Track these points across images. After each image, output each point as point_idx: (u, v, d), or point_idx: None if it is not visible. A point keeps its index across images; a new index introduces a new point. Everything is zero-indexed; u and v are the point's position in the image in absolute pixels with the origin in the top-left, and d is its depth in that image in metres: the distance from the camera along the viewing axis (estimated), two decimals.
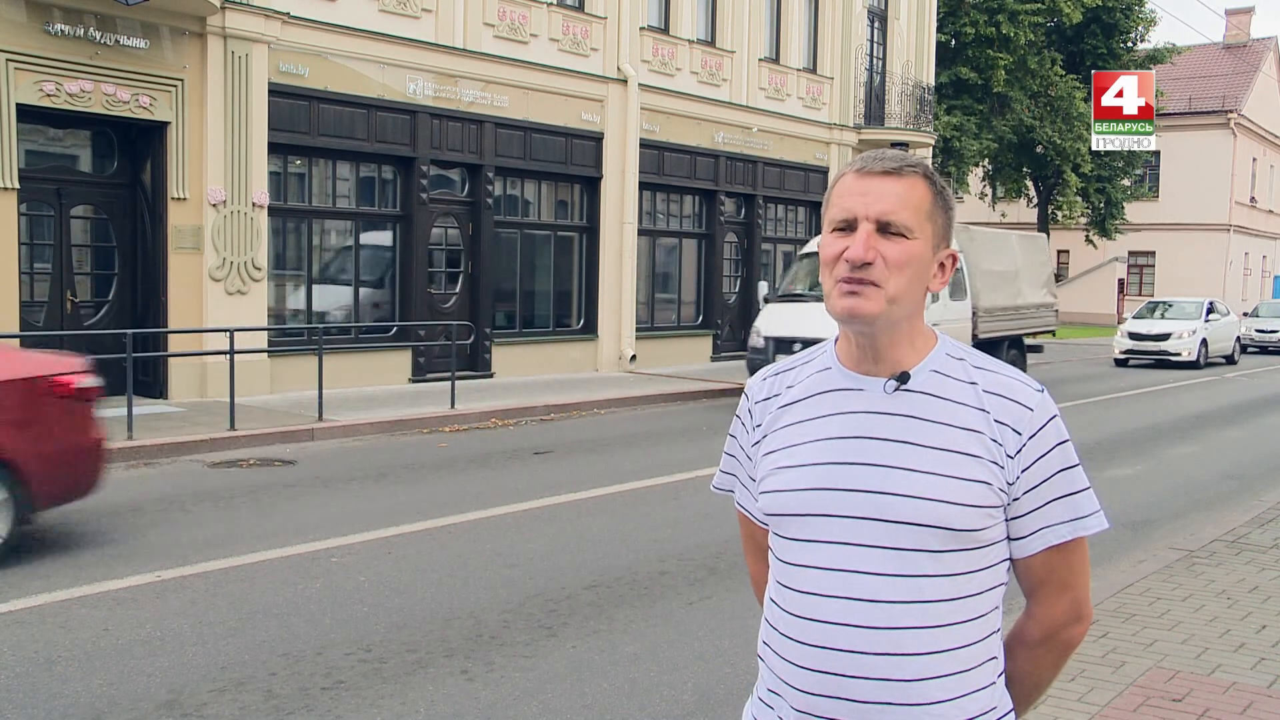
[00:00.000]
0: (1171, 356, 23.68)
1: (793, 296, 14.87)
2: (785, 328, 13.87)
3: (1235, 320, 26.54)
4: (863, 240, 1.59)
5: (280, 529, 7.39)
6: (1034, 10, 30.12)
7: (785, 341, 13.64)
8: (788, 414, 1.72)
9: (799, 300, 14.56)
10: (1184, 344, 23.80)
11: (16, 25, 11.47)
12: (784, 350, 13.03)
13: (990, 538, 1.62)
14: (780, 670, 1.66)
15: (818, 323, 13.02)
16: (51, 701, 4.40)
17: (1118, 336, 25.12)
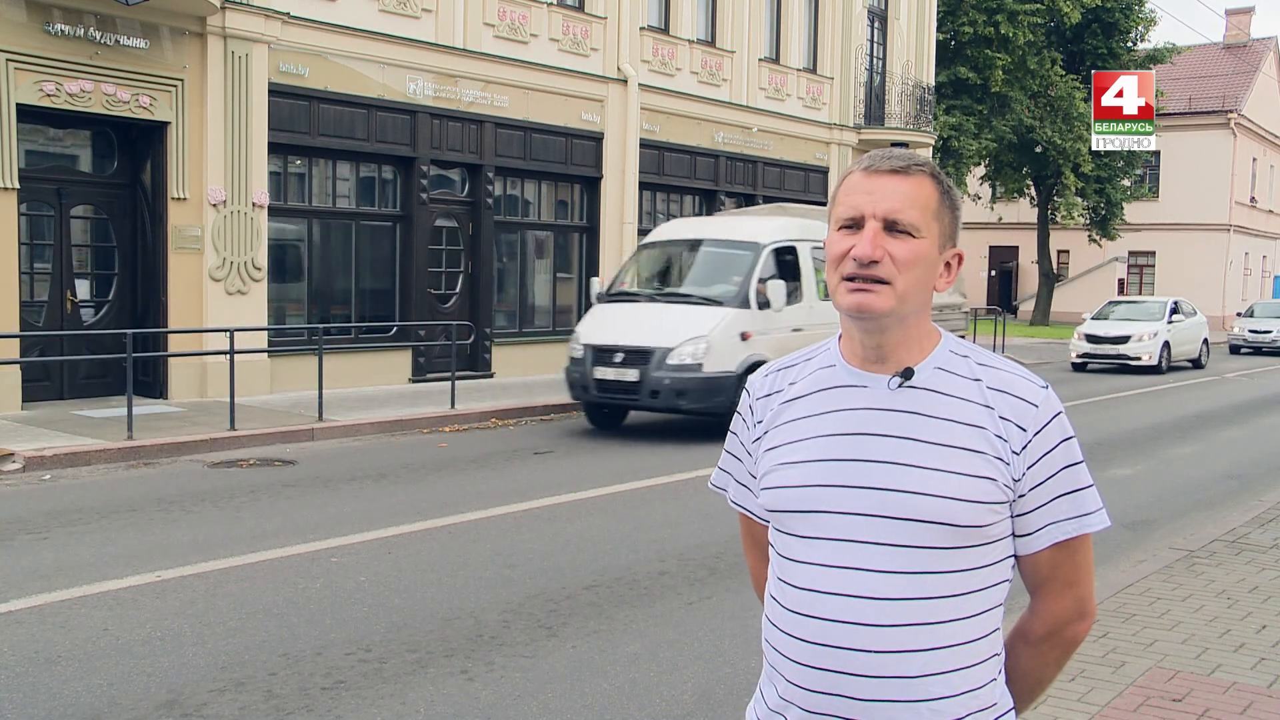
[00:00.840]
0: (1130, 361, 21.90)
1: (624, 296, 12.84)
2: (607, 334, 11.95)
3: (1202, 321, 24.64)
4: (870, 238, 1.59)
5: (280, 529, 7.38)
6: (1033, 10, 30.13)
7: (605, 351, 11.73)
8: (790, 410, 1.72)
9: (631, 300, 12.68)
10: (1144, 347, 21.94)
11: (16, 25, 11.47)
12: (603, 362, 11.71)
13: (995, 534, 1.62)
14: (782, 667, 1.66)
15: (647, 328, 11.71)
16: (51, 701, 4.40)
17: (1074, 339, 23.31)
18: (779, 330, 12.05)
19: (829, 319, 12.43)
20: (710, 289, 12.36)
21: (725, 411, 10.63)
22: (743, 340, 11.68)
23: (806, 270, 12.96)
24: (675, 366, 11.35)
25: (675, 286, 12.86)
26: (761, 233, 12.81)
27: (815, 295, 12.97)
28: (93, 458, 9.60)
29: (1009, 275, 45.18)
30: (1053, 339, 31.34)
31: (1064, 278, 43.39)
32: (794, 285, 12.53)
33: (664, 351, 11.39)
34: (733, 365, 11.51)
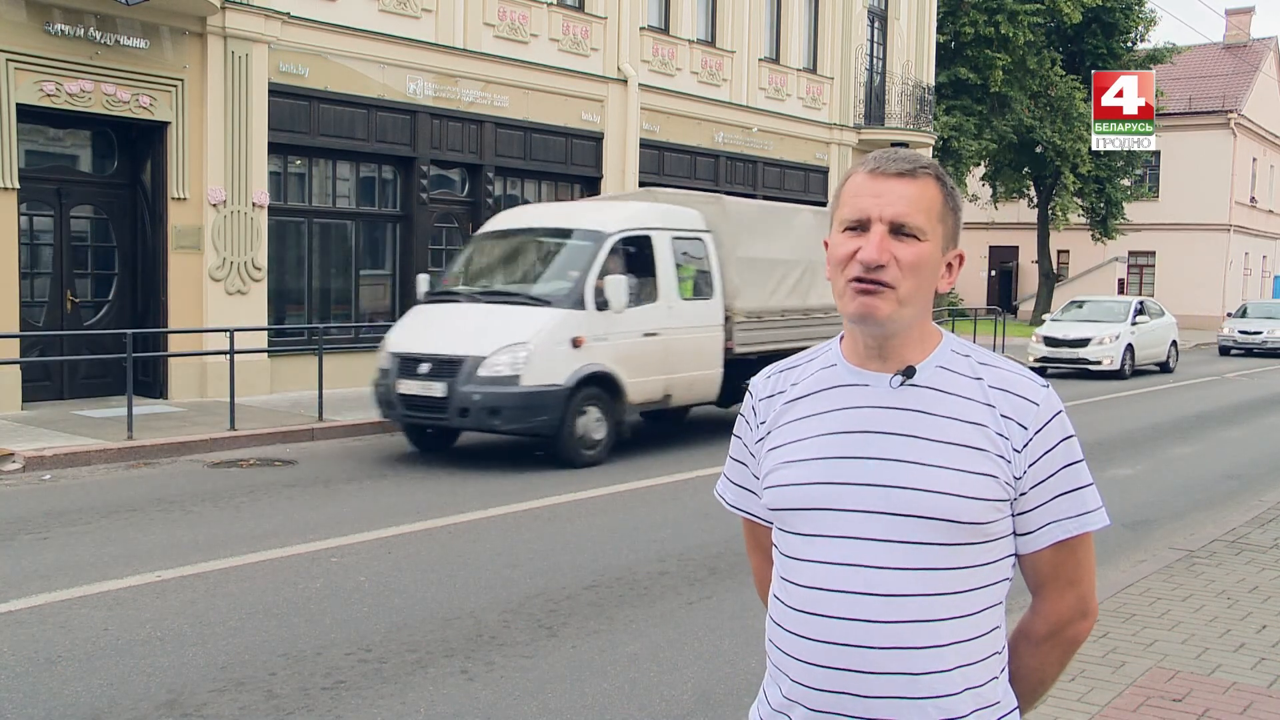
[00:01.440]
0: (1090, 365, 20.30)
1: (445, 295, 10.95)
2: (416, 340, 10.17)
3: (1170, 322, 23.09)
4: (876, 242, 1.59)
5: (280, 529, 7.38)
6: (1033, 10, 30.13)
7: (411, 361, 9.92)
8: (792, 410, 1.73)
9: (452, 301, 10.78)
10: (1104, 351, 20.36)
11: (16, 25, 11.47)
12: (409, 374, 9.86)
13: (996, 532, 1.63)
14: (786, 667, 1.66)
15: (461, 334, 9.87)
16: (51, 701, 4.40)
17: (1032, 341, 21.60)
18: (625, 335, 10.32)
19: (695, 321, 11.15)
20: (541, 287, 10.57)
21: (552, 432, 9.71)
22: (574, 347, 9.83)
23: (664, 264, 10.99)
24: (488, 379, 9.52)
25: (503, 284, 10.96)
26: (607, 220, 10.95)
27: (676, 294, 11.06)
28: (93, 458, 9.60)
29: (1009, 275, 45.19)
30: None
31: (1064, 278, 43.37)
32: (645, 282, 10.69)
33: (475, 361, 9.58)
34: (560, 377, 9.70)
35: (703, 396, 11.65)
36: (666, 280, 10.98)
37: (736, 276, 11.71)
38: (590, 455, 9.97)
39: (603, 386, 10.13)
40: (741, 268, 11.81)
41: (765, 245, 12.30)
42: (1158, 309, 23.22)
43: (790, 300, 12.54)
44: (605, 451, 10.11)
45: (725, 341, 11.56)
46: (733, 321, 11.63)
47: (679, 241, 11.28)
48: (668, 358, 10.80)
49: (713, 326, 11.43)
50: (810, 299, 12.83)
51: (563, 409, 9.69)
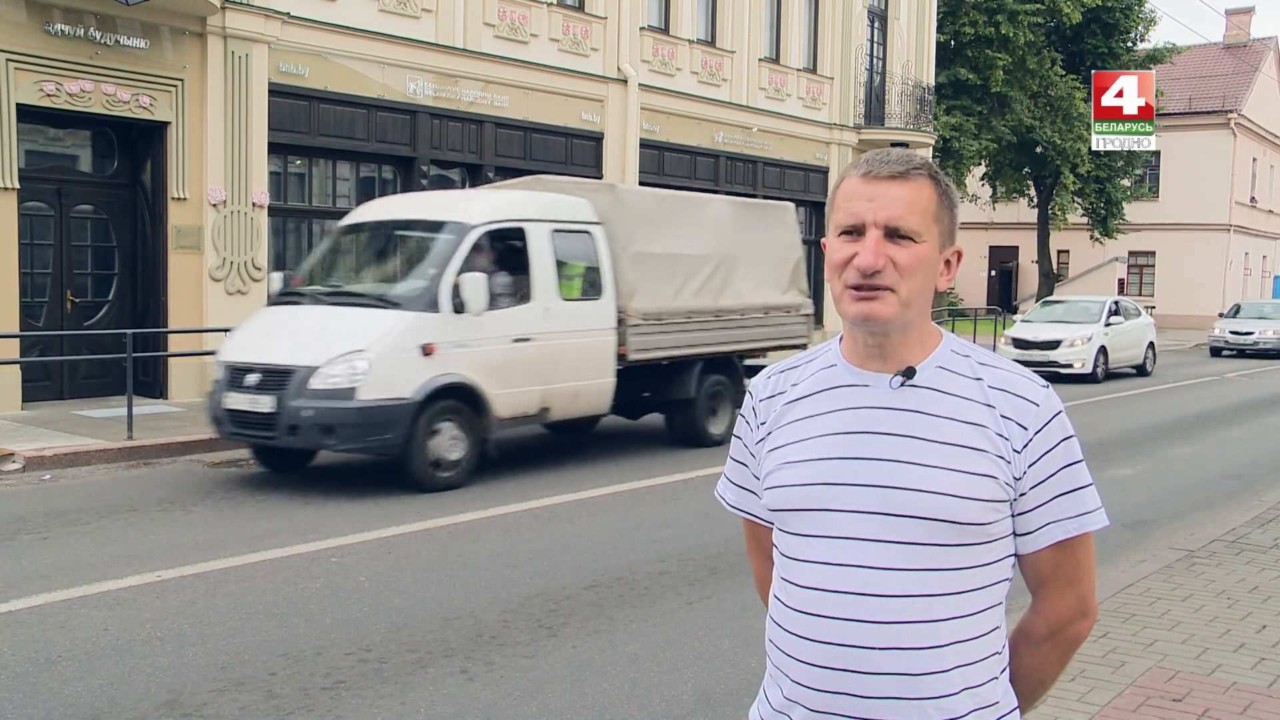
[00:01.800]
0: (1060, 369, 19.07)
1: (293, 296, 9.79)
2: (248, 348, 9.05)
3: (1147, 323, 22.04)
4: (872, 247, 1.59)
5: (280, 529, 7.38)
6: (1033, 10, 30.13)
7: (239, 371, 8.83)
8: (793, 410, 1.73)
9: (296, 302, 9.66)
10: (1076, 353, 19.43)
11: (16, 25, 11.47)
12: (237, 386, 8.77)
13: (996, 532, 1.63)
14: (786, 667, 1.66)
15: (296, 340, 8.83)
16: (51, 701, 4.40)
17: (1001, 343, 20.49)
18: (490, 341, 9.13)
19: (579, 324, 9.93)
20: (392, 287, 9.50)
21: (398, 452, 8.59)
22: (425, 356, 8.67)
23: (541, 260, 9.70)
24: (320, 392, 8.40)
25: (353, 283, 9.85)
26: (473, 211, 9.68)
27: (556, 294, 9.79)
28: (93, 458, 9.60)
29: (1009, 275, 45.19)
30: None
31: (1064, 278, 43.38)
32: (518, 280, 9.55)
33: (306, 372, 8.46)
34: (408, 390, 8.53)
35: (591, 408, 10.40)
36: (543, 278, 9.69)
37: (633, 274, 10.41)
38: (446, 478, 8.74)
39: (461, 399, 8.93)
40: (639, 264, 10.52)
41: (669, 239, 10.95)
42: (1134, 309, 22.22)
43: (699, 300, 11.17)
44: (465, 473, 8.89)
45: (618, 347, 10.25)
46: (627, 324, 10.29)
47: (562, 235, 10.01)
48: (545, 366, 9.56)
49: (602, 330, 10.15)
50: (724, 298, 11.50)
51: (409, 426, 8.50)
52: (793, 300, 12.62)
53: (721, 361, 11.63)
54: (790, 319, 12.62)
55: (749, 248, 11.94)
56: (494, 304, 9.15)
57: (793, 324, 12.66)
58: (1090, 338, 19.69)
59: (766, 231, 12.43)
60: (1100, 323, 20.14)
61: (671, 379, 11.12)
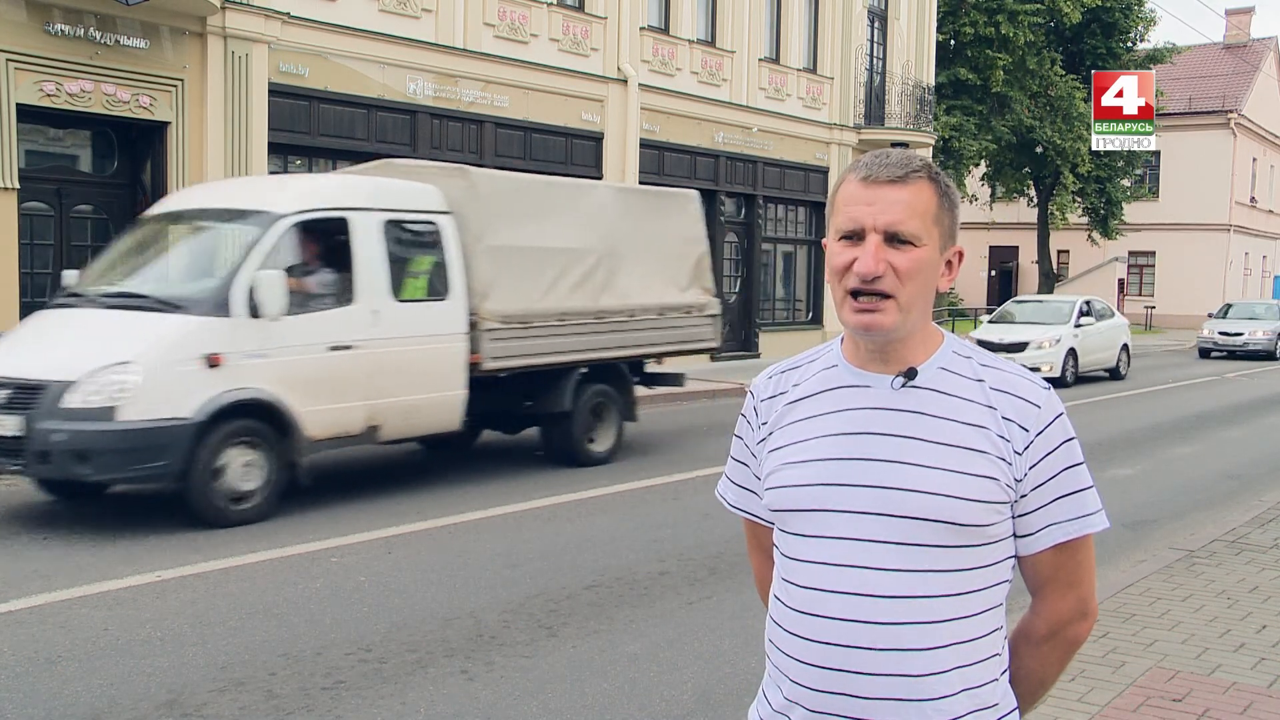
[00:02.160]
0: None
1: (71, 298, 8.32)
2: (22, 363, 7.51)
3: (1120, 324, 21.17)
4: (872, 254, 1.59)
5: (280, 529, 7.38)
6: (1033, 10, 30.13)
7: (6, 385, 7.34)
8: (794, 411, 1.73)
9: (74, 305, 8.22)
10: (1043, 356, 18.39)
11: (17, 25, 11.46)
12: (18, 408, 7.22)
13: (996, 534, 1.63)
14: (786, 667, 1.66)
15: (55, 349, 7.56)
16: (51, 701, 4.40)
17: None
18: (297, 350, 7.83)
19: (418, 329, 8.65)
20: (178, 287, 8.23)
21: (175, 481, 7.34)
22: (209, 368, 7.37)
23: (367, 255, 8.41)
24: (75, 412, 7.06)
25: (139, 283, 8.37)
26: (281, 199, 8.39)
27: (387, 293, 8.49)
28: None
29: (1009, 275, 45.18)
30: None
31: (1064, 278, 43.38)
32: (336, 279, 8.28)
33: (60, 387, 7.12)
34: (187, 408, 7.24)
35: (436, 425, 9.03)
36: (371, 276, 8.40)
37: (489, 270, 9.13)
38: (241, 510, 7.50)
39: (259, 418, 7.66)
40: (498, 259, 9.23)
41: (537, 230, 9.63)
42: (1106, 309, 21.35)
43: (575, 300, 9.86)
44: (266, 504, 7.65)
45: (471, 354, 8.98)
46: (481, 328, 9.01)
47: (399, 226, 8.80)
48: (372, 377, 8.28)
49: (449, 335, 8.86)
50: (606, 298, 10.15)
51: (188, 450, 7.22)
52: (694, 299, 11.21)
53: (606, 370, 10.30)
54: (692, 321, 11.20)
55: (640, 240, 10.63)
56: (304, 306, 7.90)
57: (695, 326, 11.26)
58: (1059, 339, 18.74)
59: (663, 222, 11.11)
60: (1070, 324, 19.20)
61: (544, 390, 9.81)
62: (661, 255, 10.94)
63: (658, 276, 10.84)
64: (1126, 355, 21.08)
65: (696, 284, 11.32)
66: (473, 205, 9.27)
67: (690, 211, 11.73)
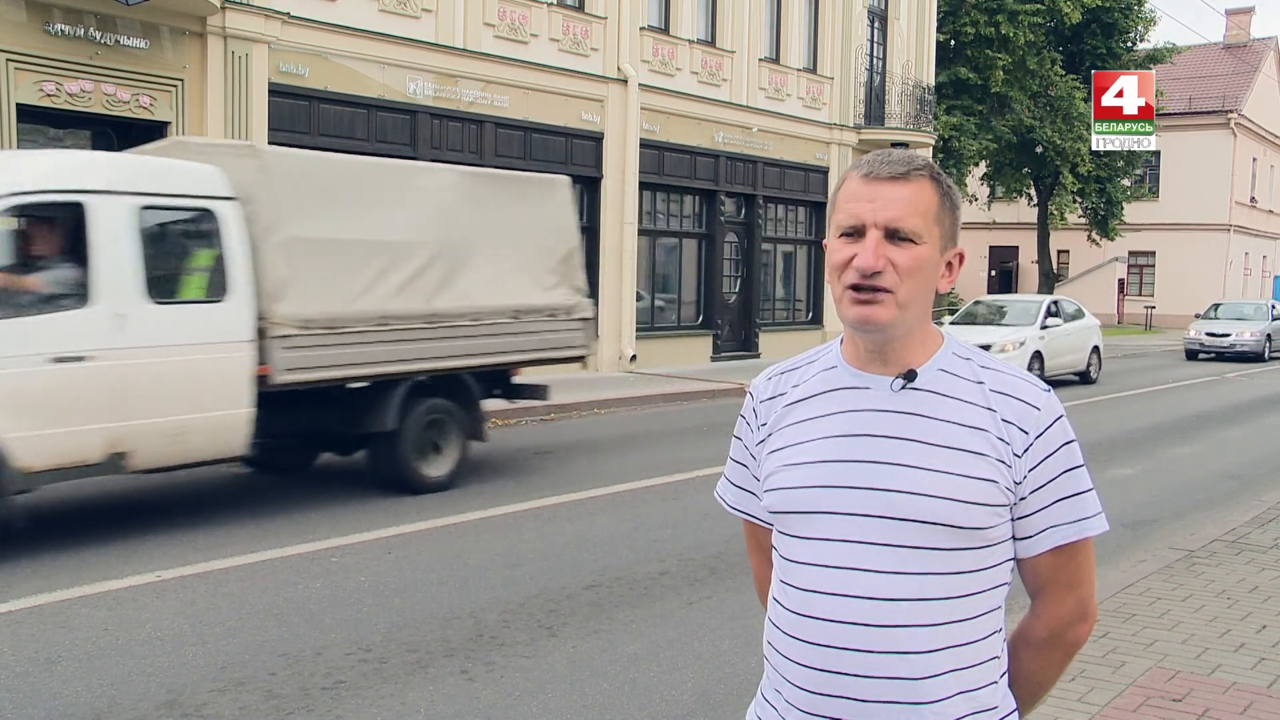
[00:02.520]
0: None
1: None
2: None
3: (1091, 325, 20.08)
4: (872, 248, 1.59)
5: (280, 529, 7.38)
6: (1034, 10, 30.14)
7: None
8: (793, 412, 1.72)
9: None
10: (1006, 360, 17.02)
11: (16, 25, 11.46)
12: None
13: (995, 537, 1.62)
14: (783, 669, 1.66)
15: None
16: (51, 701, 4.40)
17: None
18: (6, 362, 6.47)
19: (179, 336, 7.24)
20: None
21: None
22: None
23: (110, 247, 6.97)
24: None
25: None
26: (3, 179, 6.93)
27: (138, 294, 7.07)
28: None
29: (1009, 275, 45.20)
30: None
31: (1064, 278, 43.40)
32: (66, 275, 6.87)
33: None
34: None
35: (214, 449, 7.56)
36: (115, 272, 6.97)
37: (285, 266, 7.78)
38: None
39: None
40: (296, 253, 7.88)
41: (351, 220, 8.28)
42: (1075, 310, 20.28)
43: (402, 301, 8.48)
44: None
45: (259, 365, 7.58)
46: (272, 335, 7.62)
47: (161, 213, 7.49)
48: (116, 395, 6.91)
49: (228, 343, 7.46)
50: (444, 299, 8.78)
51: None
52: (562, 300, 9.81)
53: (445, 382, 8.95)
54: (559, 324, 9.77)
55: (492, 232, 9.28)
56: (17, 309, 6.60)
57: (563, 331, 9.84)
58: (1023, 342, 17.65)
59: (522, 212, 9.67)
60: (1035, 325, 18.18)
61: (363, 406, 8.46)
62: (520, 249, 9.55)
63: (514, 274, 9.45)
64: (1097, 358, 20.09)
65: (565, 283, 9.91)
66: (265, 190, 7.85)
67: (558, 199, 10.21)
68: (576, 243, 10.42)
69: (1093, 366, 19.81)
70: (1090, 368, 19.69)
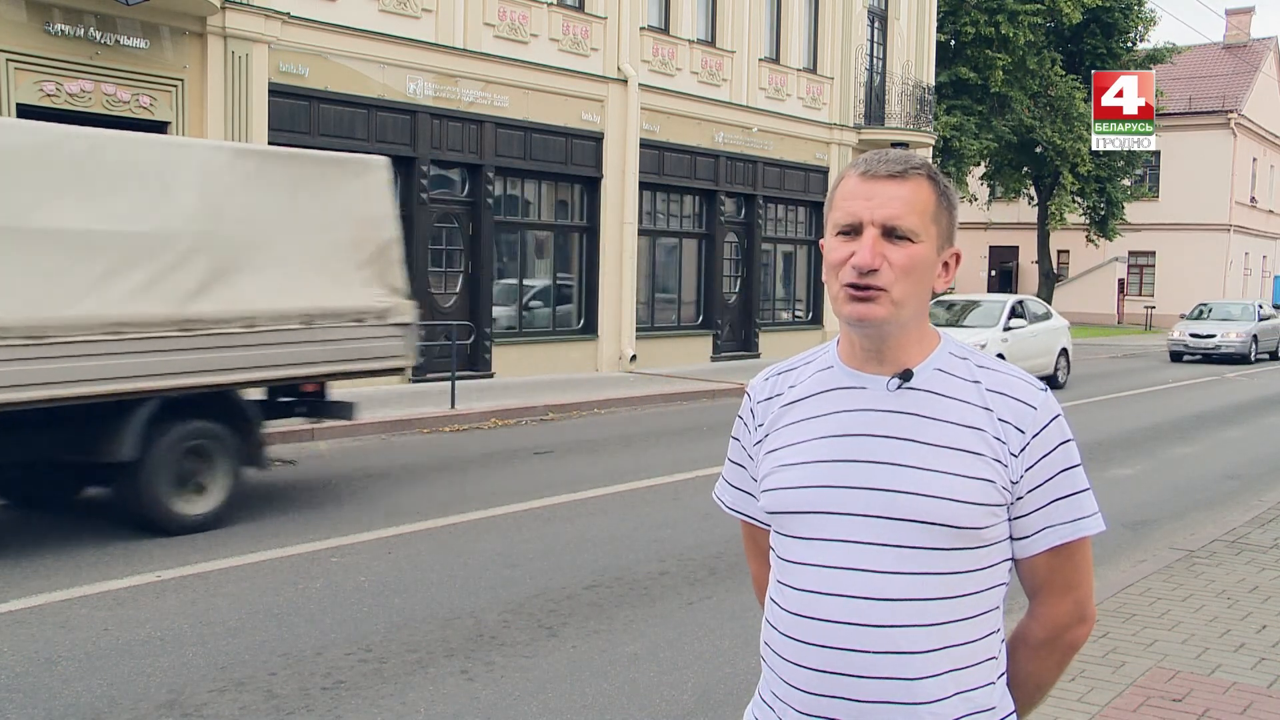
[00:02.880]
0: None
1: None
2: None
3: (1058, 327, 19.13)
4: (869, 246, 1.59)
5: (280, 529, 7.38)
6: (1034, 10, 30.15)
7: None
8: (790, 413, 1.72)
9: None
10: None
11: (17, 25, 11.46)
12: None
13: (992, 537, 1.62)
14: (780, 670, 1.66)
15: None
16: (51, 701, 4.40)
17: None
18: None
19: None
20: None
21: None
22: None
23: None
24: None
25: None
26: None
27: None
28: None
29: (1009, 275, 45.21)
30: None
31: (1064, 278, 43.41)
32: None
33: None
34: None
35: None
36: None
37: None
38: None
39: None
40: None
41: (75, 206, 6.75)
42: (1042, 311, 19.29)
43: (146, 304, 6.98)
44: None
45: None
46: None
47: None
48: None
49: None
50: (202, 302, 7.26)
51: None
52: (373, 303, 8.37)
53: (210, 401, 7.51)
54: (370, 331, 8.33)
55: (278, 222, 7.87)
56: None
57: (376, 338, 8.41)
58: (984, 345, 16.34)
59: (322, 198, 8.19)
60: (998, 327, 17.19)
61: (95, 432, 7.00)
62: (317, 243, 8.08)
63: (309, 272, 7.97)
64: (1066, 361, 19.06)
65: (379, 282, 8.48)
66: None
67: (370, 183, 8.71)
68: (394, 234, 8.83)
69: (1060, 370, 18.91)
70: (1058, 371, 18.78)
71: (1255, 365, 24.75)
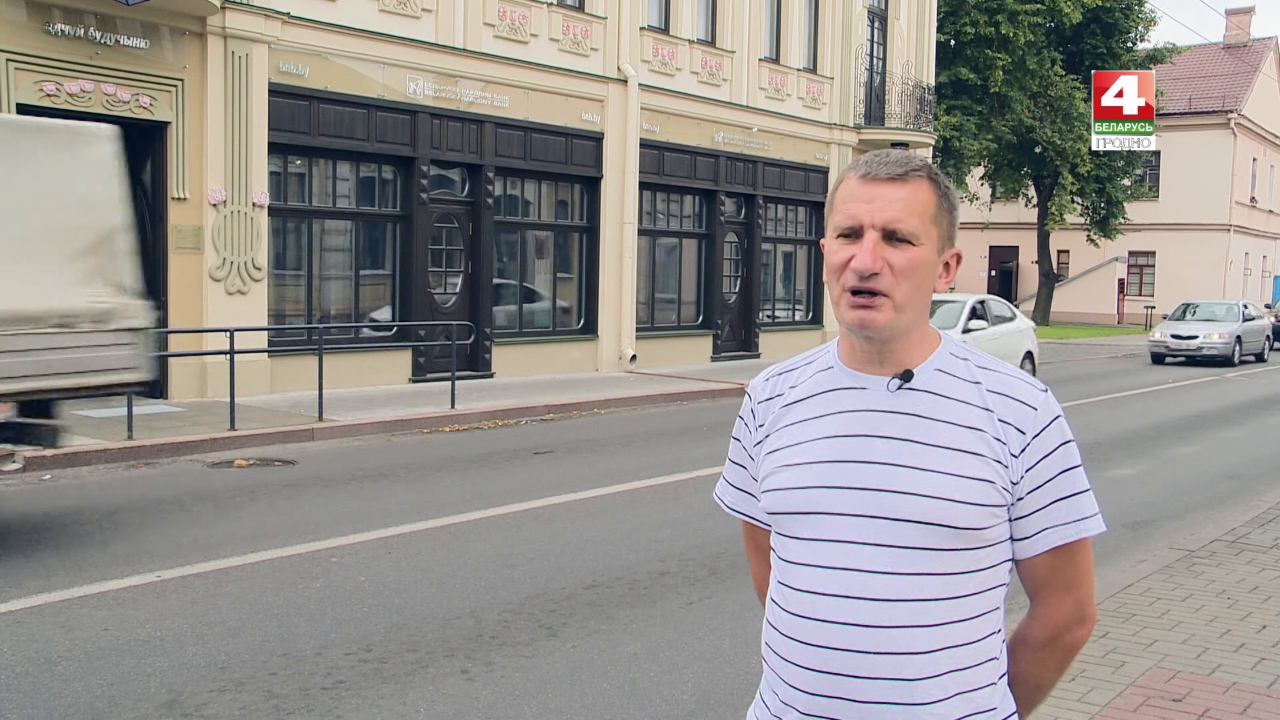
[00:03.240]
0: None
1: None
2: None
3: (1022, 329, 18.30)
4: (870, 250, 1.59)
5: (280, 529, 7.38)
6: (1034, 10, 30.16)
7: None
8: (791, 413, 1.72)
9: None
10: None
11: (16, 25, 11.46)
12: None
13: (993, 537, 1.62)
14: (781, 670, 1.66)
15: None
16: (51, 701, 4.40)
17: None
18: None
19: None
20: None
21: None
22: None
23: None
24: None
25: None
26: None
27: None
28: (92, 458, 9.60)
29: (1009, 275, 45.22)
30: (1052, 339, 31.29)
31: (1064, 278, 43.42)
32: None
33: None
34: None
35: None
36: None
37: None
38: None
39: None
40: None
41: None
42: (1006, 312, 18.38)
43: None
44: None
45: None
46: None
47: None
48: None
49: None
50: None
51: None
52: (90, 305, 6.94)
53: None
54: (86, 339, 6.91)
55: None
56: None
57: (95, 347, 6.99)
58: None
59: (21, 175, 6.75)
60: (956, 329, 16.21)
61: None
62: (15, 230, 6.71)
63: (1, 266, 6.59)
64: (1031, 365, 18.15)
65: (100, 278, 7.01)
66: None
67: (88, 157, 7.12)
68: (120, 221, 7.22)
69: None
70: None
71: (1239, 368, 23.99)
